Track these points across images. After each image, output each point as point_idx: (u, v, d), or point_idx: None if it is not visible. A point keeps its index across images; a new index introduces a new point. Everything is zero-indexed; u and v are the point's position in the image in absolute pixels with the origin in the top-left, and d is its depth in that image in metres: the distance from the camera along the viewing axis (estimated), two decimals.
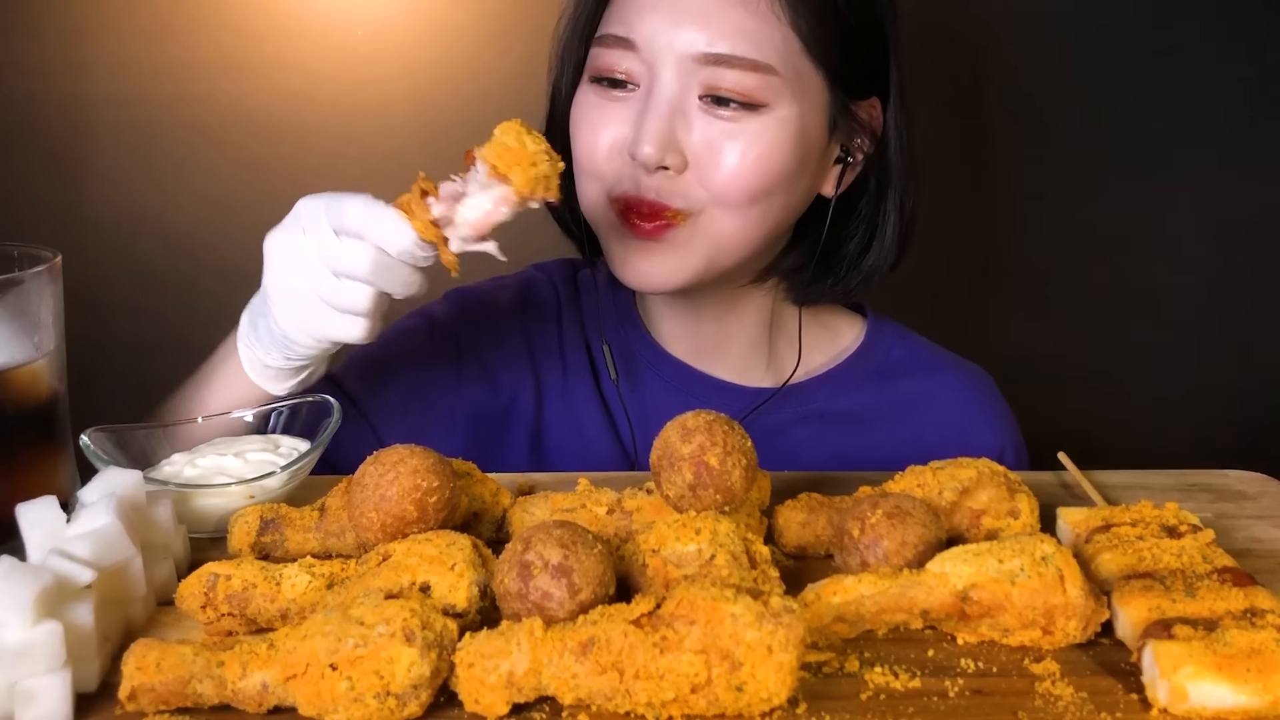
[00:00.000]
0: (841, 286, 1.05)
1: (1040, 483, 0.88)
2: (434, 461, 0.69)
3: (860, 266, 1.04)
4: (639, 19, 0.94)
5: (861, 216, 1.04)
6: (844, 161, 1.01)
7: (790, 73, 0.93)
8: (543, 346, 1.11)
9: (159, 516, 0.72)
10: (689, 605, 0.57)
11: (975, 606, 0.64)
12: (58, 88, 1.60)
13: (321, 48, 1.62)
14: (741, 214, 0.95)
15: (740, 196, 0.94)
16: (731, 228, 0.95)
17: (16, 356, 0.76)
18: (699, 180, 0.94)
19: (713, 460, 0.68)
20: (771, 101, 0.93)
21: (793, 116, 0.94)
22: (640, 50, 0.94)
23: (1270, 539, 0.81)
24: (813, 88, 0.95)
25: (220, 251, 1.64)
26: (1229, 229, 1.72)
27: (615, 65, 0.95)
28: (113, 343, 1.64)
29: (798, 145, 0.95)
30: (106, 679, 0.62)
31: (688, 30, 0.92)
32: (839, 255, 1.05)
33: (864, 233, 1.04)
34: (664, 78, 0.93)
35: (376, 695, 0.56)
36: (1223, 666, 0.57)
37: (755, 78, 0.92)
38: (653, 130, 0.92)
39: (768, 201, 0.95)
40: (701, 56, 0.91)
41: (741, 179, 0.93)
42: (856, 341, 1.12)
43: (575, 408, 1.09)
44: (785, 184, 0.96)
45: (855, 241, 1.04)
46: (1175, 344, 1.76)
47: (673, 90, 0.93)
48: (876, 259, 1.04)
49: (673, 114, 0.93)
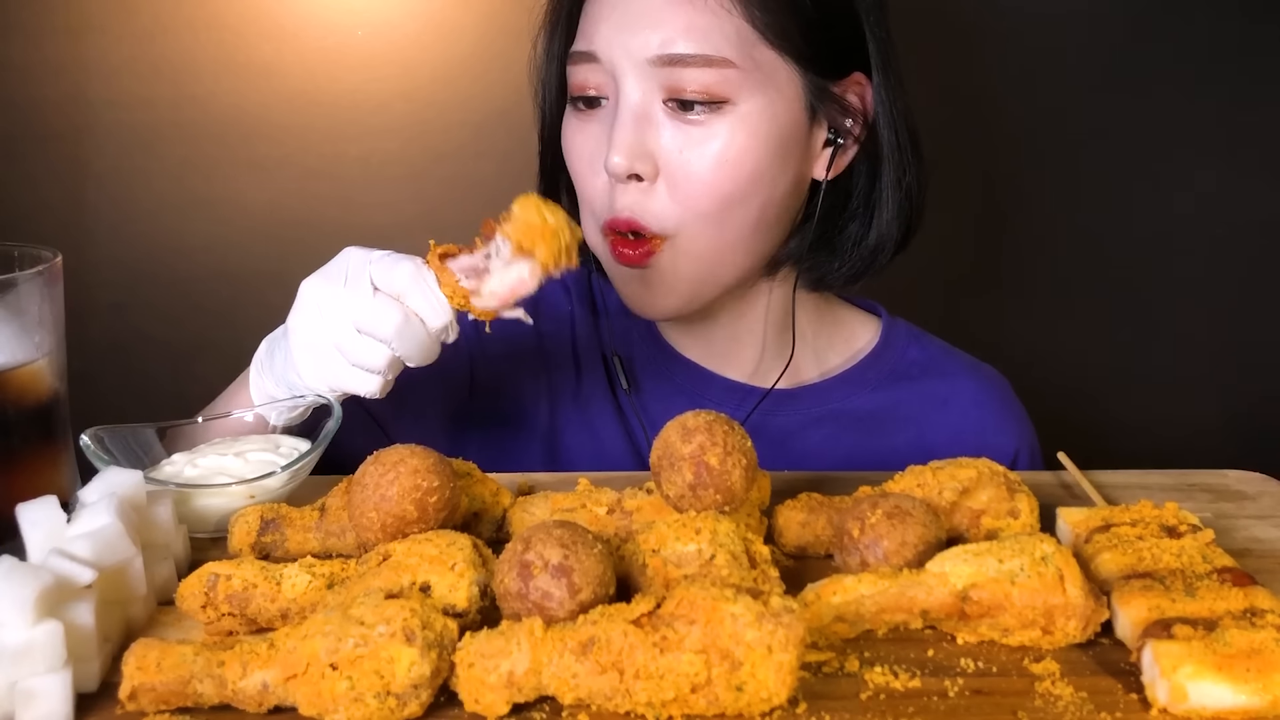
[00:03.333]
0: (848, 269, 1.03)
1: (1040, 483, 0.89)
2: (434, 461, 0.69)
3: (864, 245, 1.02)
4: (596, 31, 0.94)
5: (860, 197, 1.03)
6: (834, 143, 0.99)
7: (749, 64, 0.92)
8: (556, 353, 1.10)
9: (159, 516, 0.72)
10: (689, 605, 0.57)
11: (975, 606, 0.64)
12: (58, 88, 1.60)
13: (321, 48, 1.62)
14: (718, 224, 0.94)
15: (712, 205, 0.93)
16: (711, 242, 0.95)
17: (16, 356, 0.76)
18: (672, 193, 0.93)
19: (713, 460, 0.68)
20: (733, 96, 0.92)
21: (759, 109, 0.93)
22: (602, 62, 0.94)
23: (1270, 539, 0.81)
24: (779, 76, 0.94)
25: (220, 251, 1.64)
26: (1229, 229, 1.73)
27: (586, 82, 0.96)
28: (113, 343, 1.65)
29: (769, 139, 0.93)
30: (107, 679, 0.62)
31: (639, 34, 0.91)
32: (843, 237, 1.03)
33: (864, 213, 1.02)
34: (626, 86, 0.93)
35: (377, 695, 0.56)
36: (1222, 666, 0.57)
37: (713, 73, 0.91)
38: (620, 140, 0.92)
39: (744, 204, 0.94)
40: (656, 59, 0.91)
41: (713, 185, 0.92)
42: (872, 343, 1.11)
43: (589, 414, 1.08)
44: (760, 182, 0.94)
45: (856, 223, 1.03)
46: (1175, 344, 1.76)
47: (635, 97, 0.93)
48: (878, 238, 1.02)
49: (638, 121, 0.92)
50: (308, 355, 0.82)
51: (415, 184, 1.64)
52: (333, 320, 0.81)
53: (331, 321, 0.81)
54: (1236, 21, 1.66)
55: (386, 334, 0.80)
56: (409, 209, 1.63)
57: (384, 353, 0.81)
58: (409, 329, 0.80)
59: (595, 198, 0.97)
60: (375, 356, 0.81)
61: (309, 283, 0.83)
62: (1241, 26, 1.66)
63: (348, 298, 0.80)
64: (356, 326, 0.80)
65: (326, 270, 0.83)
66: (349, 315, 0.80)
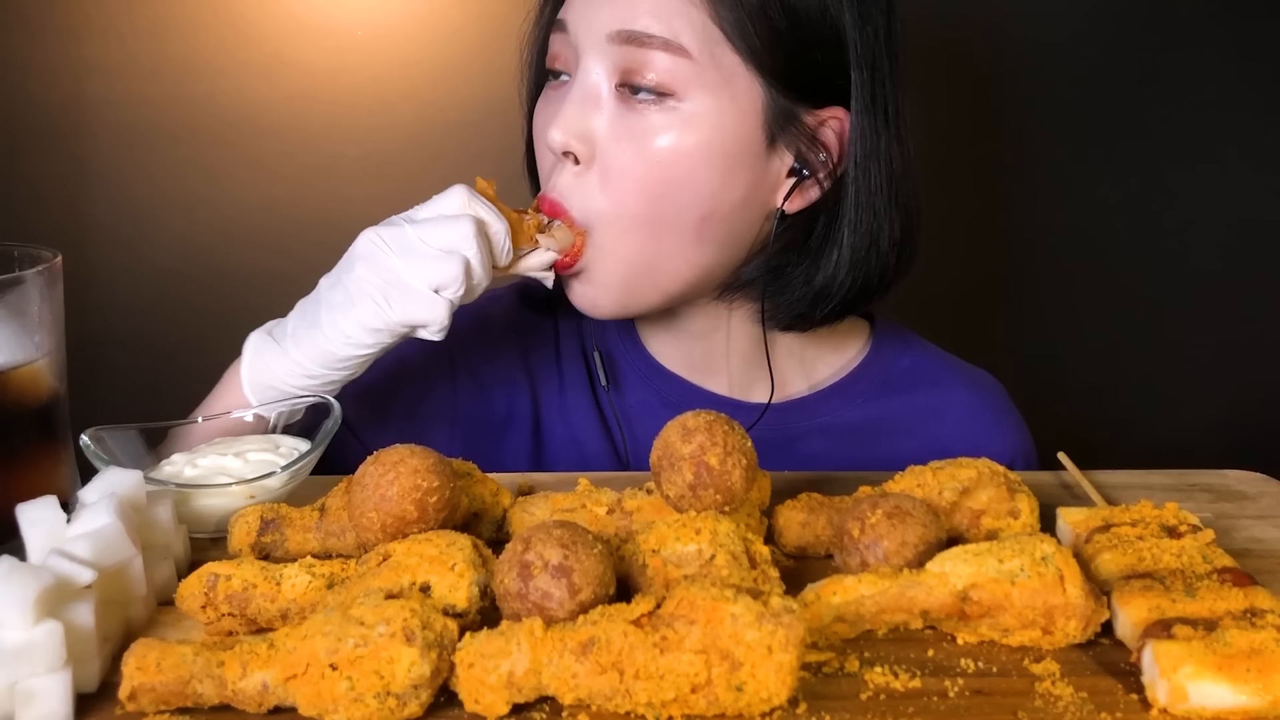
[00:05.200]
0: (790, 310, 0.98)
1: (1040, 483, 0.88)
2: (434, 461, 0.69)
3: (809, 287, 0.96)
4: (571, 2, 0.94)
5: (817, 235, 0.96)
6: (799, 175, 0.94)
7: (707, 60, 0.88)
8: (538, 357, 1.09)
9: (159, 516, 0.72)
10: (689, 605, 0.57)
11: (975, 606, 0.64)
12: (58, 88, 1.60)
13: (321, 48, 1.62)
14: (644, 226, 0.91)
15: (638, 204, 0.90)
16: (637, 245, 0.91)
17: (16, 356, 0.76)
18: (601, 183, 0.91)
19: (713, 460, 0.68)
20: (682, 91, 0.89)
21: (705, 112, 0.89)
22: (570, 33, 0.93)
23: (1270, 539, 0.81)
24: (737, 84, 0.89)
25: (220, 251, 1.64)
26: (1229, 230, 1.73)
27: (556, 54, 0.95)
28: (113, 343, 1.65)
29: (710, 147, 0.89)
30: (106, 679, 0.62)
31: (605, 8, 0.90)
32: (790, 274, 0.97)
33: (813, 253, 0.96)
34: (585, 62, 0.91)
35: (377, 695, 0.56)
36: (1223, 666, 0.57)
37: (667, 59, 0.88)
38: (564, 115, 0.91)
39: (675, 210, 0.90)
40: (615, 35, 0.89)
41: (640, 184, 0.90)
42: (862, 352, 1.08)
43: (572, 419, 1.07)
44: (693, 190, 0.90)
45: (807, 263, 0.96)
46: (1175, 344, 1.76)
47: (592, 74, 0.91)
48: (824, 283, 0.95)
49: (588, 100, 0.91)
50: (374, 292, 0.84)
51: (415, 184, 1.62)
52: (402, 245, 0.84)
53: (401, 247, 0.84)
54: (1236, 21, 1.66)
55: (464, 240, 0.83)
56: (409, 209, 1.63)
57: (458, 263, 0.83)
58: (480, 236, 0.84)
59: (543, 176, 0.96)
60: (451, 269, 0.83)
61: (369, 232, 0.85)
62: (1242, 26, 1.66)
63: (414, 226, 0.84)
64: (437, 246, 0.83)
65: (383, 222, 0.86)
66: (419, 236, 0.84)
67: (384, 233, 0.85)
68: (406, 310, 0.84)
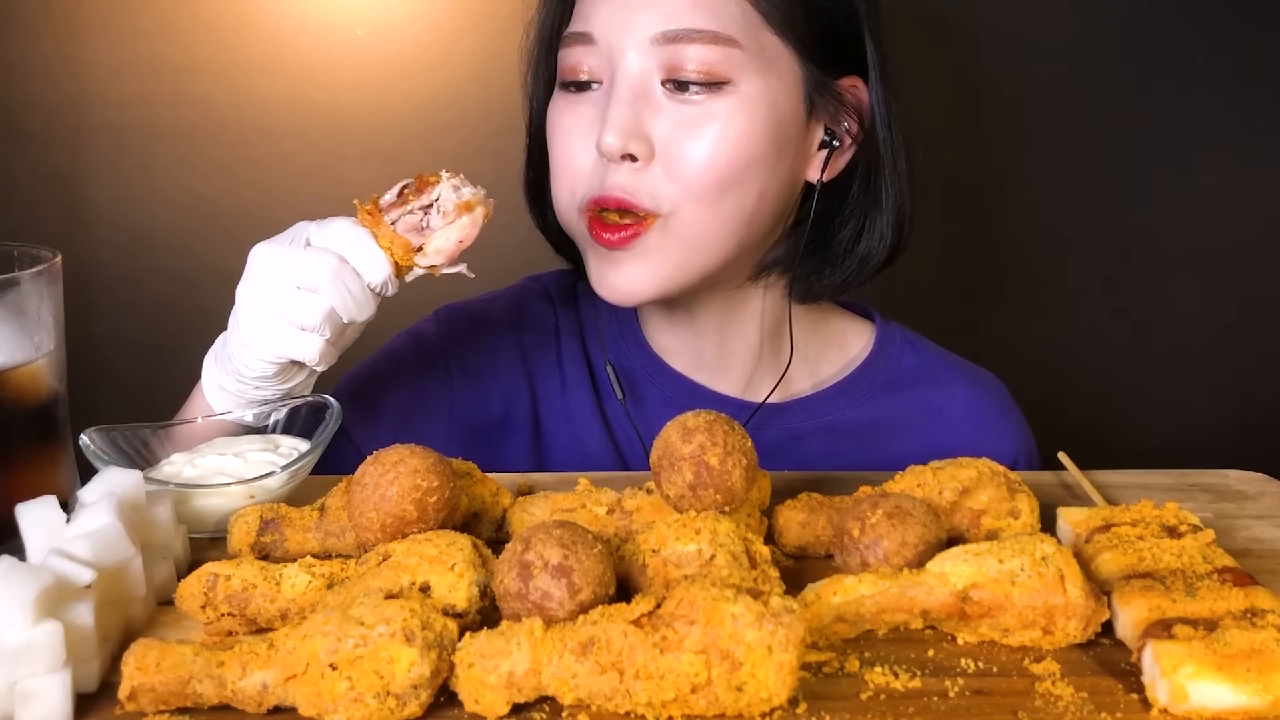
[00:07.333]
0: (838, 277, 1.02)
1: (1040, 483, 0.88)
2: (434, 461, 0.69)
3: (855, 253, 1.01)
4: (594, 12, 0.93)
5: (854, 201, 1.01)
6: (830, 146, 0.98)
7: (753, 45, 0.91)
8: (540, 361, 1.09)
9: (159, 516, 0.72)
10: (689, 605, 0.57)
11: (975, 606, 0.64)
12: (58, 88, 1.60)
13: (321, 48, 1.62)
14: (712, 207, 0.92)
15: (710, 186, 0.91)
16: (704, 224, 0.93)
17: (16, 356, 0.76)
18: (667, 173, 0.91)
19: (713, 460, 0.68)
20: (735, 77, 0.91)
21: (760, 93, 0.92)
22: (599, 43, 0.93)
23: (1270, 539, 0.81)
24: (780, 63, 0.93)
25: (220, 251, 1.64)
26: (1228, 230, 1.73)
27: (579, 65, 0.94)
28: (113, 343, 1.65)
29: (768, 124, 0.92)
30: (106, 679, 0.62)
31: (642, 13, 0.91)
32: (834, 243, 1.01)
33: (857, 218, 1.01)
34: (624, 66, 0.91)
35: (376, 695, 0.56)
36: (1223, 666, 0.57)
37: (716, 50, 0.90)
38: (615, 118, 0.90)
39: (740, 190, 0.93)
40: (659, 36, 0.90)
41: (710, 167, 0.91)
42: (865, 351, 1.09)
43: (575, 423, 1.07)
44: (758, 168, 0.93)
45: (849, 228, 1.01)
46: (1175, 343, 1.76)
47: (635, 77, 0.91)
48: (870, 245, 1.00)
49: (636, 100, 0.91)
50: (252, 321, 0.82)
51: None
52: (274, 280, 0.81)
53: (273, 282, 0.81)
54: (1237, 22, 1.66)
55: (321, 282, 0.80)
56: None
57: (320, 306, 0.80)
58: (342, 276, 0.80)
59: (579, 177, 0.95)
60: (312, 311, 0.80)
61: (257, 249, 0.83)
62: (1242, 26, 1.66)
63: (287, 254, 0.81)
64: (295, 283, 0.81)
65: (274, 238, 0.84)
66: (287, 273, 0.81)
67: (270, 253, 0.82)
68: (284, 346, 0.82)
